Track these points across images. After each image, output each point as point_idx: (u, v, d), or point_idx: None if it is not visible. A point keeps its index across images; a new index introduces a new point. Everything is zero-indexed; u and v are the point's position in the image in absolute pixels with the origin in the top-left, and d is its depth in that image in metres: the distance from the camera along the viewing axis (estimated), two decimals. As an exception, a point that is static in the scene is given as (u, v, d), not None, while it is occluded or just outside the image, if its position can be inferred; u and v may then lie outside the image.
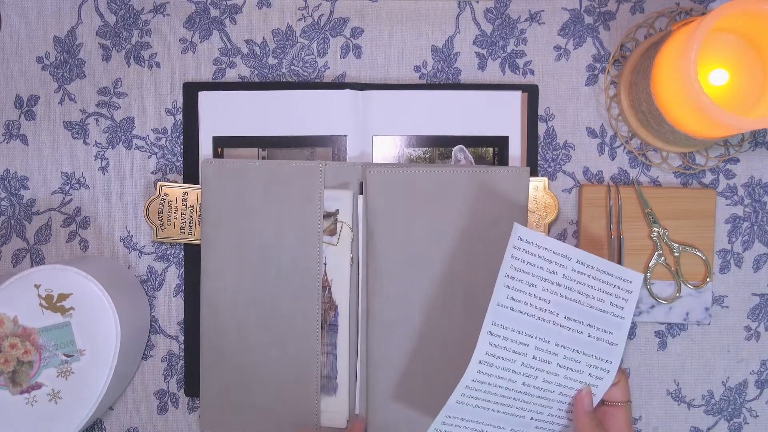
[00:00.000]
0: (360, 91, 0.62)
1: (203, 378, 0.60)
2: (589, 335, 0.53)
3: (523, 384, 0.52)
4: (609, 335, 0.53)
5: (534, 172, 0.62)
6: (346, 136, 0.62)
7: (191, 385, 0.63)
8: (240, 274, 0.59)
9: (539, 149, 0.63)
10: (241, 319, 0.59)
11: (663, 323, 0.64)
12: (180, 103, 0.63)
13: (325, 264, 0.60)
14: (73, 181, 0.63)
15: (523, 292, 0.52)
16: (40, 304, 0.55)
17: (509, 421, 0.54)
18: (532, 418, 0.55)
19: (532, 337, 0.52)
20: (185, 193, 0.61)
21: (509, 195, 0.59)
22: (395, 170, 0.59)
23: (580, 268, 0.53)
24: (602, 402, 0.54)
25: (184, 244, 0.63)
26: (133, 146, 0.63)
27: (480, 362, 0.50)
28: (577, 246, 0.61)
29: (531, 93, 0.62)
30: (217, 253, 0.59)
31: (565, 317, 0.52)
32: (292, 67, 0.63)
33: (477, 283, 0.58)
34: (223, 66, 0.63)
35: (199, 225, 0.61)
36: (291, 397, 0.60)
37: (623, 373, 0.55)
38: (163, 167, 0.63)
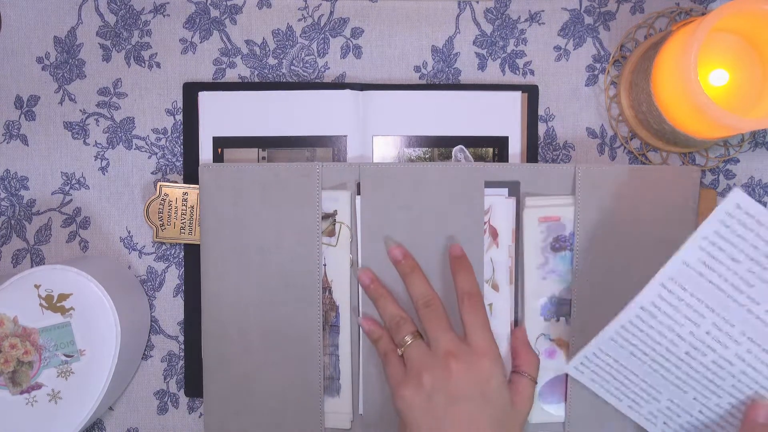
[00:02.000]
0: (360, 92, 0.62)
1: (206, 382, 0.60)
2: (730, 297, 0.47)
3: (687, 354, 0.49)
4: None
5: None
6: (346, 136, 0.62)
7: (191, 385, 0.63)
8: (240, 278, 0.59)
9: (539, 149, 0.63)
10: (243, 322, 0.59)
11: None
12: (180, 104, 0.63)
13: (324, 265, 0.60)
14: (73, 181, 0.63)
15: (722, 263, 0.46)
16: (40, 305, 0.55)
17: (669, 389, 0.51)
18: (695, 398, 0.51)
19: (713, 311, 0.47)
20: (185, 194, 0.61)
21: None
22: (390, 169, 0.59)
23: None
24: None
25: (184, 244, 0.63)
26: (133, 146, 0.63)
27: (642, 308, 0.48)
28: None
29: (531, 93, 0.62)
30: (216, 257, 0.59)
31: (766, 310, 0.46)
32: (292, 67, 0.63)
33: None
34: (223, 66, 0.63)
35: (199, 225, 0.61)
36: (294, 399, 0.59)
37: None
38: (163, 167, 0.63)
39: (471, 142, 0.62)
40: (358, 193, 0.59)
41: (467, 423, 0.51)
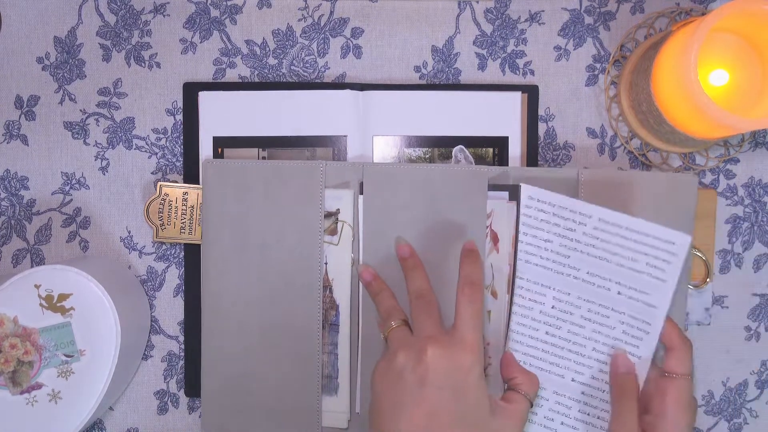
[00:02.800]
0: (360, 92, 0.62)
1: (204, 379, 0.60)
2: (619, 293, 0.54)
3: (546, 333, 0.55)
4: (645, 296, 0.53)
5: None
6: (346, 136, 0.62)
7: (191, 385, 0.63)
8: (241, 275, 0.59)
9: (539, 150, 0.63)
10: (242, 319, 0.59)
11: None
12: (180, 103, 0.63)
13: (326, 263, 0.60)
14: (74, 181, 0.63)
15: (539, 246, 0.55)
16: (41, 305, 0.55)
17: (552, 382, 0.55)
18: (573, 380, 0.55)
19: (549, 287, 0.55)
20: (185, 193, 0.61)
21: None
22: (394, 169, 0.59)
23: (603, 227, 0.54)
24: (661, 374, 0.52)
25: (185, 244, 0.63)
26: (134, 146, 0.63)
27: (513, 312, 0.56)
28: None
29: (531, 93, 0.63)
30: (217, 253, 0.59)
31: (588, 272, 0.54)
32: (292, 67, 0.63)
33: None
34: (224, 66, 0.63)
35: (199, 225, 0.61)
36: (292, 398, 0.59)
37: (683, 340, 0.52)
38: (163, 167, 0.63)
39: (471, 142, 0.62)
40: (361, 193, 0.59)
41: (429, 411, 0.48)
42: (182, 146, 0.63)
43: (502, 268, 0.59)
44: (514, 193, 0.59)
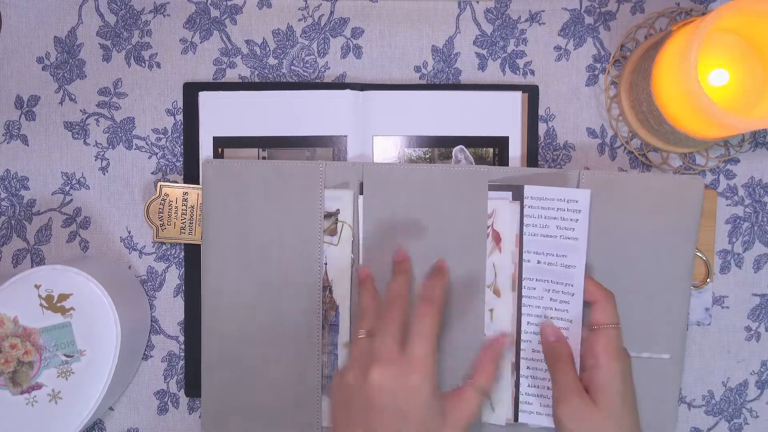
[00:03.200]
0: (360, 92, 0.62)
1: (204, 379, 0.60)
2: (539, 261, 0.57)
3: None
4: (563, 258, 0.56)
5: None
6: (346, 136, 0.62)
7: (191, 385, 0.63)
8: (241, 275, 0.59)
9: (539, 150, 0.63)
10: (242, 319, 0.59)
11: (663, 323, 0.64)
12: (180, 104, 0.63)
13: (325, 264, 0.60)
14: (74, 181, 0.63)
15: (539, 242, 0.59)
16: (41, 305, 0.55)
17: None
18: (520, 356, 0.59)
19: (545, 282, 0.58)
20: (185, 194, 0.61)
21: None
22: (394, 169, 0.59)
23: (529, 203, 0.58)
24: (591, 329, 0.54)
25: (185, 245, 0.63)
26: (134, 146, 0.63)
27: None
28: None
29: (531, 93, 0.62)
30: (217, 253, 0.59)
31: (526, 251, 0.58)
32: (293, 67, 0.63)
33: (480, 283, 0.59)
34: (224, 66, 0.63)
35: (199, 225, 0.61)
36: (292, 398, 0.59)
37: (604, 292, 0.54)
38: (164, 167, 0.63)
39: (471, 142, 0.62)
40: (361, 193, 0.59)
41: (369, 429, 0.49)
42: (182, 146, 0.63)
43: (504, 266, 0.59)
44: (518, 193, 0.59)
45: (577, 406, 0.50)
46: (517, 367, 0.59)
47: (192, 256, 0.63)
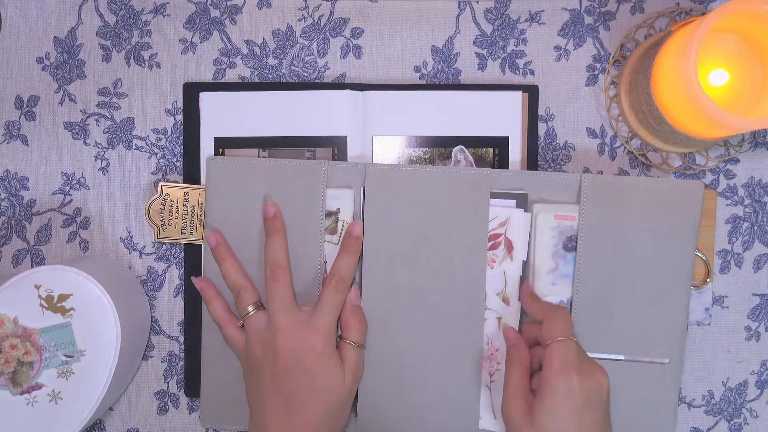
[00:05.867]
0: (360, 92, 0.62)
1: (204, 374, 0.60)
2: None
3: None
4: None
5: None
6: (346, 136, 0.62)
7: (191, 385, 0.63)
8: (241, 274, 0.59)
9: (539, 150, 0.63)
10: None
11: (663, 323, 0.64)
12: (180, 104, 0.63)
13: (325, 262, 0.60)
14: (74, 181, 0.63)
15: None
16: (41, 305, 0.55)
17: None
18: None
19: None
20: (186, 194, 0.61)
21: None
22: (396, 170, 0.59)
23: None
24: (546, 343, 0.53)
25: (185, 245, 0.63)
26: (134, 147, 0.63)
27: None
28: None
29: (531, 93, 0.62)
30: None
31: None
32: (292, 67, 0.63)
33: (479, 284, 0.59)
34: (224, 66, 0.63)
35: (200, 225, 0.61)
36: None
37: (547, 310, 0.55)
38: (164, 168, 0.63)
39: (471, 142, 0.62)
40: (363, 193, 0.59)
41: (288, 396, 0.54)
42: (182, 146, 0.63)
43: (514, 275, 0.59)
44: (522, 202, 0.59)
45: (521, 409, 0.52)
46: None
47: (192, 256, 0.63)
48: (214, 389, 0.60)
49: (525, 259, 0.59)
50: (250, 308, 0.57)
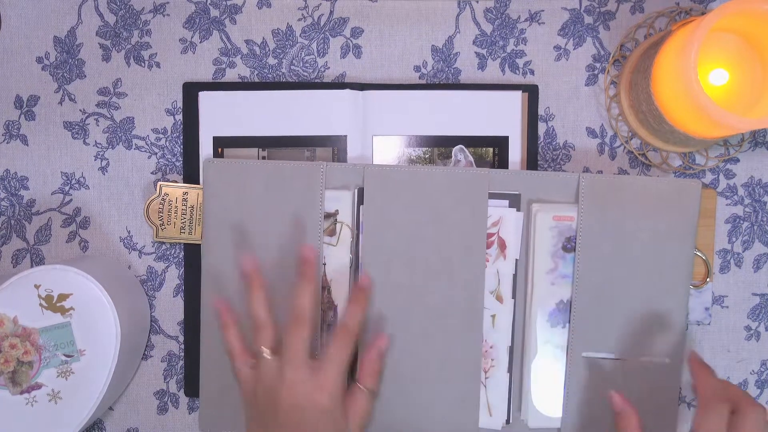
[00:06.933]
0: (360, 91, 0.62)
1: (203, 377, 0.60)
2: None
3: None
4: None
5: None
6: (346, 136, 0.62)
7: (191, 385, 0.63)
8: (240, 274, 0.59)
9: (539, 149, 0.63)
10: (242, 318, 0.59)
11: (663, 323, 0.64)
12: (180, 103, 0.63)
13: (324, 264, 0.60)
14: (73, 181, 0.63)
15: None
16: (40, 305, 0.55)
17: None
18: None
19: None
20: (185, 193, 0.61)
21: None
22: (395, 171, 0.59)
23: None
24: None
25: (184, 244, 0.63)
26: (133, 146, 0.63)
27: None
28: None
29: (531, 93, 0.62)
30: (217, 252, 0.59)
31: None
32: (292, 67, 0.63)
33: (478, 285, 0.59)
34: (223, 66, 0.63)
35: (199, 225, 0.61)
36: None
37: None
38: (163, 167, 0.63)
39: (471, 142, 0.62)
40: (361, 194, 0.59)
41: None
42: (182, 146, 0.63)
43: (507, 273, 0.59)
44: (515, 202, 0.59)
45: None
46: (509, 370, 0.59)
47: (192, 256, 0.63)
48: (213, 393, 0.60)
49: (518, 258, 0.59)
50: (265, 353, 0.54)
